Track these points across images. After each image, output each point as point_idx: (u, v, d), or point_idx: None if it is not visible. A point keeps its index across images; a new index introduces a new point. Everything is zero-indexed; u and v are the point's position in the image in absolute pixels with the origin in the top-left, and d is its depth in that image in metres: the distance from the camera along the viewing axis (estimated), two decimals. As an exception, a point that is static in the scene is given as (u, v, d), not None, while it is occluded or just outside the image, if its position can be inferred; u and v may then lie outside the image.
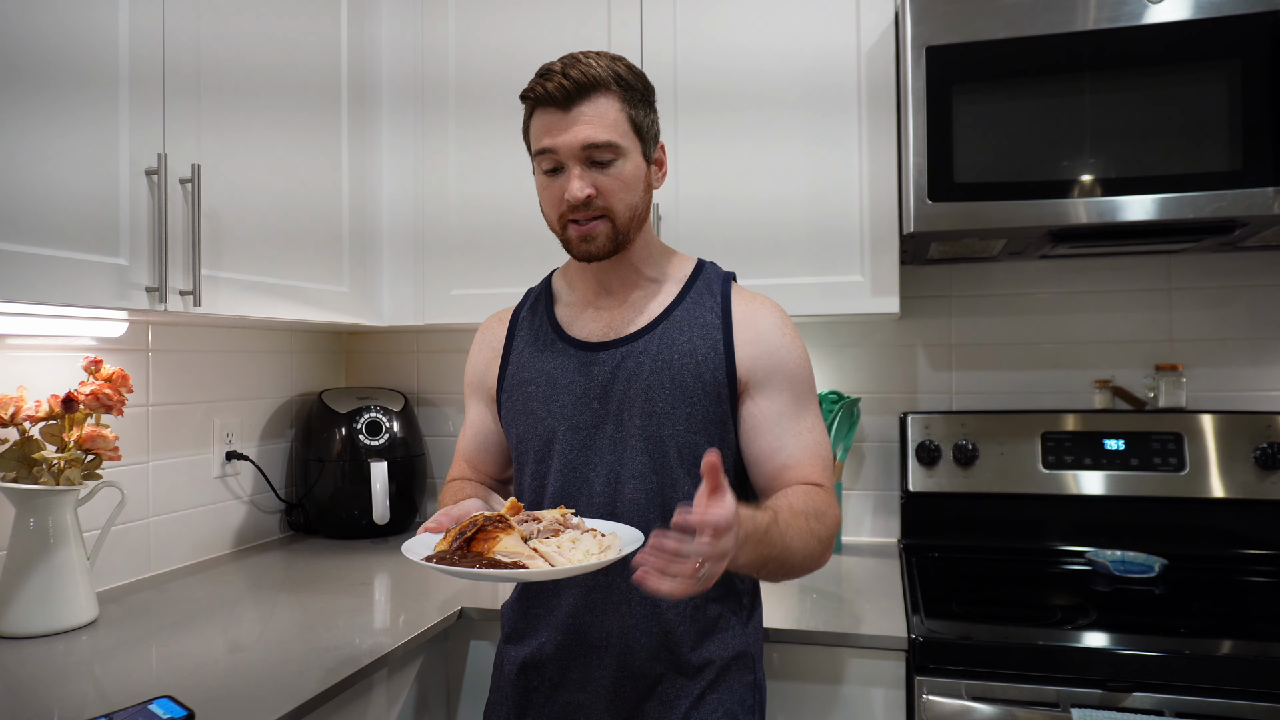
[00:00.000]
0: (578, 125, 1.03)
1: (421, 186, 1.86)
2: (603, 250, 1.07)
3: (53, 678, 1.09)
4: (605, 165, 1.04)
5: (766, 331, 1.11)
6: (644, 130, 1.08)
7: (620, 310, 1.15)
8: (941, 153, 1.51)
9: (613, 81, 1.04)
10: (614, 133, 1.04)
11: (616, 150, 1.04)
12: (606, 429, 1.09)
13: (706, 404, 1.07)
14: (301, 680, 1.08)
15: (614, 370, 1.10)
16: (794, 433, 1.09)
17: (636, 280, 1.15)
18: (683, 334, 1.10)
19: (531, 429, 1.13)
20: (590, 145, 1.03)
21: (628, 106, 1.06)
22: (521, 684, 1.14)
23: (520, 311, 1.23)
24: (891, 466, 1.96)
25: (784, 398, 1.09)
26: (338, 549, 1.87)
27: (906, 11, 1.52)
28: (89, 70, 1.18)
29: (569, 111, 1.03)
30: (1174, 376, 1.79)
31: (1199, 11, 1.42)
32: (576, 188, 1.03)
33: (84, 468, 1.30)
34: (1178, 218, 1.43)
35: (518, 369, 1.17)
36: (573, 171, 1.04)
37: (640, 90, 1.08)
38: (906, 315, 1.96)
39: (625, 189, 1.06)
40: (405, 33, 1.87)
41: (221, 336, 1.82)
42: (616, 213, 1.06)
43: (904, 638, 1.27)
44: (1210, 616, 1.37)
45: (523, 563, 0.88)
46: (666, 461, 1.07)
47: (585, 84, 1.02)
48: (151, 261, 1.26)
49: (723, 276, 1.17)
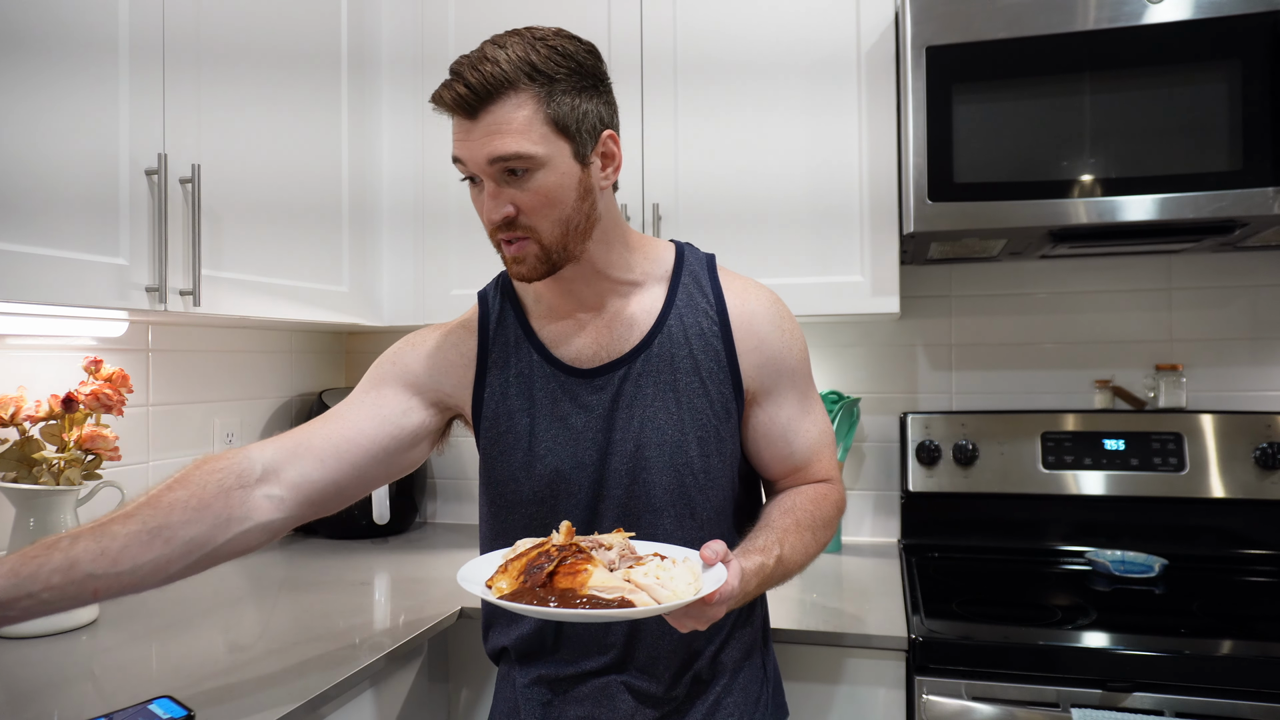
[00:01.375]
0: (485, 136, 0.89)
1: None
2: (535, 272, 0.96)
3: (53, 678, 1.09)
4: (522, 180, 0.91)
5: (767, 334, 1.05)
6: (572, 127, 0.92)
7: (606, 324, 1.04)
8: (941, 153, 1.51)
9: (523, 77, 0.88)
10: (524, 141, 0.89)
11: (531, 160, 0.89)
12: (612, 460, 1.02)
13: (716, 423, 1.03)
14: (301, 680, 1.08)
15: (614, 398, 1.02)
16: (801, 432, 1.08)
17: (611, 287, 1.04)
18: (680, 349, 1.02)
19: (529, 466, 1.03)
20: (497, 159, 0.89)
21: (546, 104, 0.90)
22: (536, 697, 1.09)
23: (487, 323, 1.08)
24: (891, 466, 1.96)
25: (790, 399, 1.08)
26: (338, 549, 1.87)
27: (906, 11, 1.52)
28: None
29: (476, 119, 0.90)
30: (1174, 376, 1.79)
31: (1199, 11, 1.42)
32: (490, 208, 0.92)
33: (84, 468, 1.30)
34: (1178, 218, 1.43)
35: (502, 396, 1.05)
36: (486, 189, 0.92)
37: (566, 75, 0.91)
38: (906, 315, 1.96)
39: (547, 204, 0.92)
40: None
41: (221, 336, 1.82)
42: (541, 232, 0.93)
43: (904, 638, 1.27)
44: (1210, 616, 1.37)
45: (627, 599, 0.78)
46: (685, 491, 1.02)
47: (489, 87, 0.88)
48: (151, 261, 1.26)
49: (706, 264, 1.08)
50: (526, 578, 0.80)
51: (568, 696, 1.07)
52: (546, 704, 1.08)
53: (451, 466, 2.22)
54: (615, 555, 0.85)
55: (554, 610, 0.76)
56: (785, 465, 1.09)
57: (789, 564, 0.95)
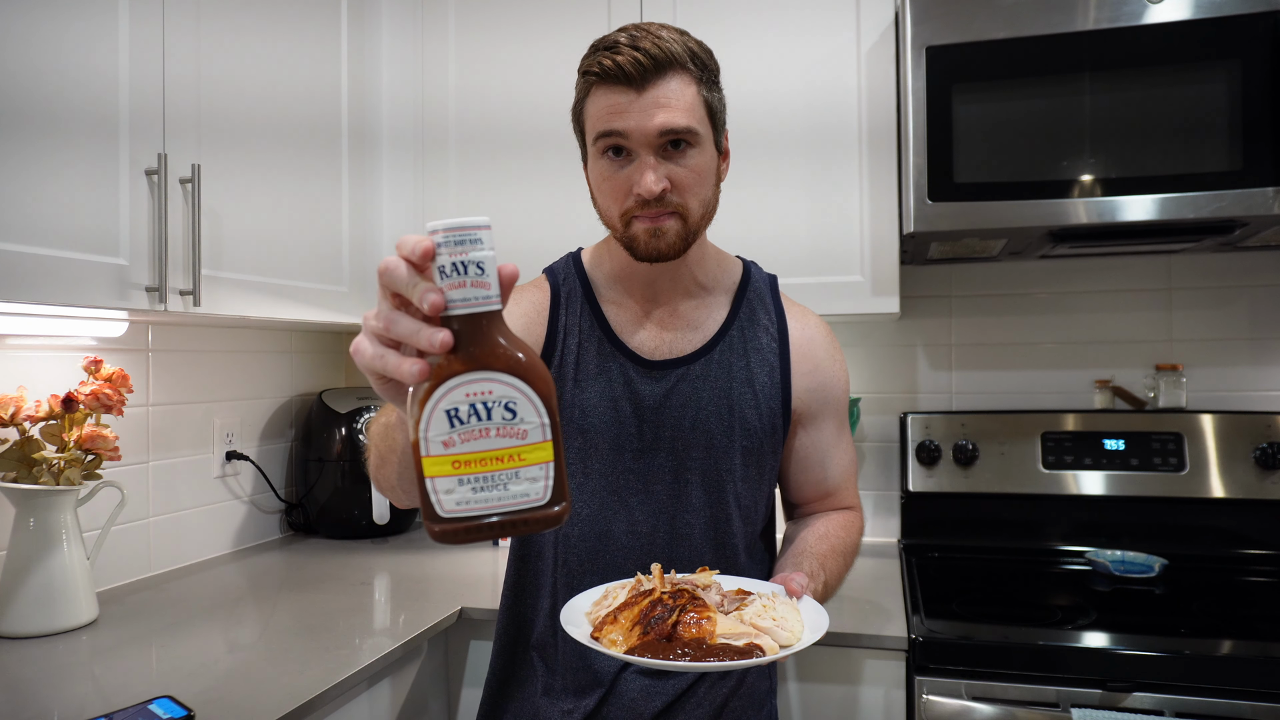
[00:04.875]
0: (654, 108, 0.90)
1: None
2: (672, 250, 0.96)
3: (53, 678, 1.09)
4: (680, 155, 0.93)
5: (822, 360, 1.09)
6: (717, 116, 0.97)
7: (674, 322, 1.06)
8: (941, 153, 1.51)
9: (690, 60, 0.92)
10: (692, 117, 0.92)
11: (696, 136, 0.92)
12: (657, 456, 1.03)
13: (762, 438, 1.05)
14: (301, 680, 1.08)
15: (668, 393, 1.03)
16: (835, 458, 1.13)
17: (689, 287, 1.06)
18: (740, 359, 1.05)
19: (573, 438, 1.03)
20: (669, 131, 0.90)
21: (703, 88, 0.94)
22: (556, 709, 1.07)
23: (559, 291, 1.08)
24: (891, 466, 1.96)
25: (830, 425, 1.12)
26: (338, 549, 1.87)
27: (906, 11, 1.52)
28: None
29: (643, 92, 0.90)
30: (1174, 376, 1.79)
31: (1199, 11, 1.42)
32: (651, 180, 0.91)
33: (84, 468, 1.30)
34: (1178, 218, 1.43)
35: (563, 359, 1.04)
36: (646, 161, 0.92)
37: (714, 70, 0.97)
38: (906, 315, 1.96)
39: (700, 182, 0.95)
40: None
41: (221, 336, 1.82)
42: (690, 209, 0.95)
43: (904, 638, 1.27)
44: (1210, 616, 1.37)
45: (755, 644, 0.75)
46: (723, 497, 1.04)
47: (662, 60, 0.90)
48: (151, 261, 1.26)
49: (770, 284, 1.12)
50: (646, 629, 0.75)
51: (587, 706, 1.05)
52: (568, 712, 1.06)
53: (451, 466, 2.21)
54: (717, 596, 0.84)
55: (696, 665, 0.72)
56: (817, 490, 1.13)
57: (829, 590, 0.99)
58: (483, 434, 0.55)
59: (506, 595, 1.13)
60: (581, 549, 1.05)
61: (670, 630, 0.75)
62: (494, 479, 0.55)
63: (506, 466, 0.55)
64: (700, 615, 0.77)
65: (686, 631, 0.75)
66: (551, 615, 1.07)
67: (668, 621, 0.75)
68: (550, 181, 1.76)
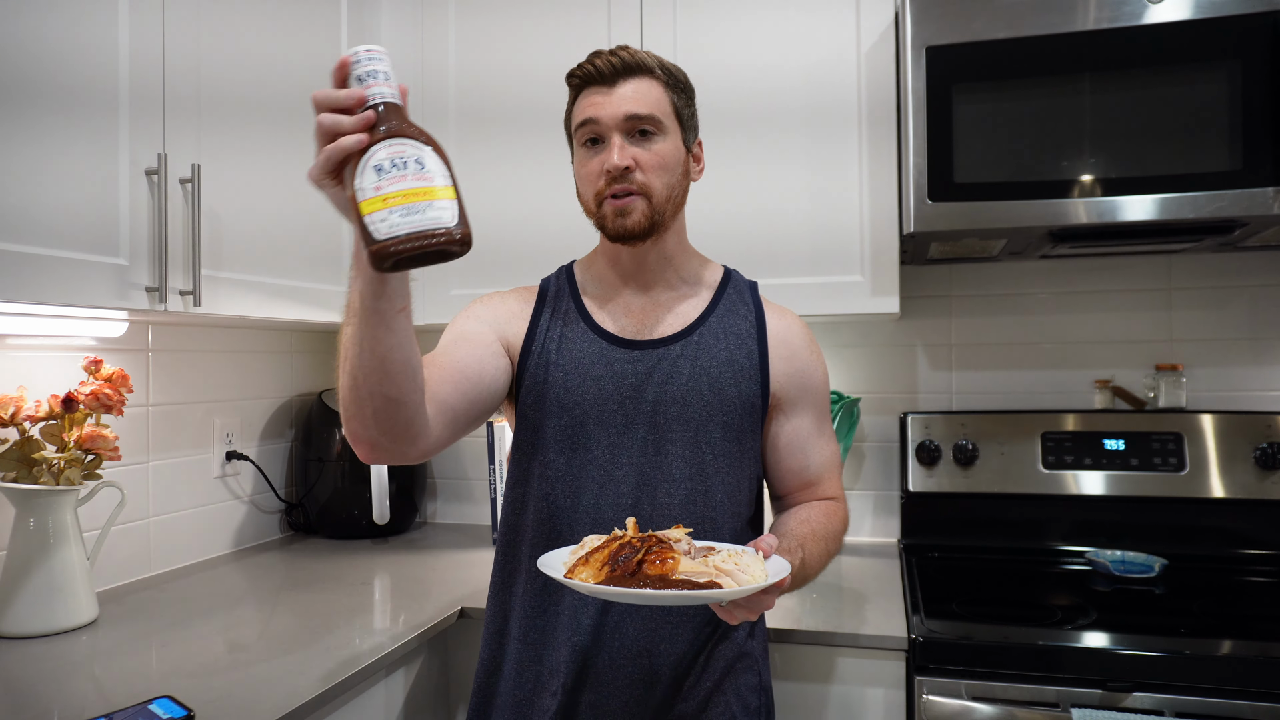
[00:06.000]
0: (623, 100, 1.05)
1: None
2: (638, 226, 1.06)
3: (53, 678, 1.09)
4: (646, 141, 1.06)
5: (798, 349, 1.15)
6: (684, 118, 1.10)
7: (651, 309, 1.14)
8: (941, 153, 1.51)
9: (657, 68, 1.08)
10: (656, 109, 1.06)
11: (658, 125, 1.06)
12: (638, 430, 1.08)
13: (741, 415, 1.10)
14: (301, 680, 1.08)
15: (648, 371, 1.09)
16: (817, 448, 1.16)
17: (668, 278, 1.15)
18: (719, 342, 1.11)
19: (557, 417, 1.09)
20: (633, 116, 1.04)
21: (670, 92, 1.08)
22: (530, 683, 1.10)
23: (546, 291, 1.18)
24: (891, 466, 1.96)
25: (810, 416, 1.16)
26: (338, 549, 1.87)
27: (906, 11, 1.52)
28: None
29: (614, 88, 1.05)
30: (1174, 376, 1.79)
31: (1199, 11, 1.42)
32: (616, 156, 1.04)
33: (84, 468, 1.30)
34: (1177, 218, 1.43)
35: (544, 347, 1.12)
36: (614, 141, 1.05)
37: (683, 84, 1.11)
38: (906, 315, 1.96)
39: (663, 167, 1.07)
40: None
41: (221, 336, 1.82)
42: (654, 190, 1.06)
43: (904, 638, 1.27)
44: (1210, 616, 1.37)
45: (716, 582, 0.80)
46: (703, 469, 1.08)
47: (632, 65, 1.06)
48: (151, 261, 1.26)
49: (750, 286, 1.19)
50: (614, 567, 0.81)
51: (564, 684, 1.08)
52: (543, 689, 1.09)
53: (452, 466, 2.22)
54: (686, 547, 0.87)
55: (654, 593, 0.77)
56: (799, 479, 1.16)
57: (809, 569, 1.01)
58: (401, 179, 0.74)
59: (494, 583, 1.16)
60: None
61: (635, 568, 0.80)
62: (414, 208, 0.73)
63: (422, 199, 0.74)
64: (665, 555, 0.82)
65: (651, 568, 0.80)
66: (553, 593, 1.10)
67: (634, 559, 0.80)
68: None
